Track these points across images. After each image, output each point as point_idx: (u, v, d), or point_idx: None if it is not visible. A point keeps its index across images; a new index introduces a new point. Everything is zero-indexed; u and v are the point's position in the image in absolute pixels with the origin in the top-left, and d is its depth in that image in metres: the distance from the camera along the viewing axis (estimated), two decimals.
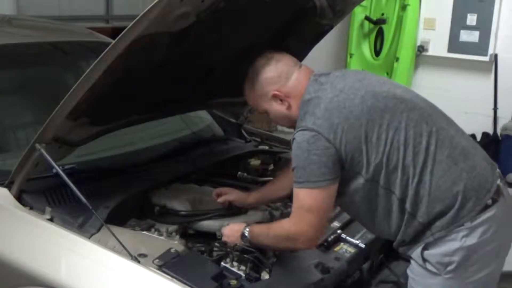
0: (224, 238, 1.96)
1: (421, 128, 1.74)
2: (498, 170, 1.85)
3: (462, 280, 1.73)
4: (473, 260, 1.71)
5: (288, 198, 2.26)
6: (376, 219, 1.80)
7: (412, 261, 1.80)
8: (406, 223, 1.74)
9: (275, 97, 1.86)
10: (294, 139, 1.76)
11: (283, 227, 1.82)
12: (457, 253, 1.70)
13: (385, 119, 1.73)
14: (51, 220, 1.91)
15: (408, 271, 1.84)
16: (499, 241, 1.76)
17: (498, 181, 1.79)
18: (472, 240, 1.70)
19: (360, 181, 1.74)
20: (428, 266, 1.74)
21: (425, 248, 1.74)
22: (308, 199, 1.73)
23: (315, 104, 1.76)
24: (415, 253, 1.76)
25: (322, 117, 1.73)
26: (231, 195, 2.18)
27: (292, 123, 1.87)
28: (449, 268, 1.71)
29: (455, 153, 1.75)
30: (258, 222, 2.12)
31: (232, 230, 1.95)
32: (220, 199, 2.17)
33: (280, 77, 1.85)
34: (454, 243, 1.70)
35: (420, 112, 1.78)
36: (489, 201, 1.73)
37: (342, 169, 1.73)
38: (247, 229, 1.88)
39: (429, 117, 1.78)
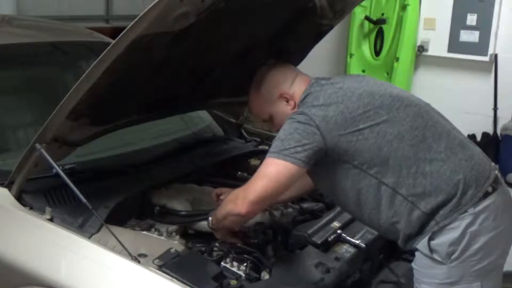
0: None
1: (417, 122, 1.80)
2: (493, 163, 1.90)
3: (466, 268, 1.75)
4: (475, 248, 1.74)
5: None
6: (365, 210, 1.83)
7: (417, 253, 1.82)
8: (409, 214, 1.76)
9: (281, 97, 1.94)
10: (288, 118, 1.82)
11: (235, 191, 1.85)
12: (461, 240, 1.73)
13: (380, 115, 1.79)
14: (51, 220, 1.91)
15: (413, 264, 1.86)
16: (499, 229, 1.78)
17: (496, 172, 1.85)
18: (474, 226, 1.73)
19: (348, 168, 1.78)
20: (435, 256, 1.76)
21: (431, 238, 1.76)
22: (268, 167, 1.76)
23: (314, 97, 1.84)
24: (421, 244, 1.78)
25: (318, 107, 1.80)
26: None
27: None
28: (454, 256, 1.74)
29: (453, 145, 1.81)
30: (258, 223, 2.13)
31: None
32: (222, 197, 2.17)
33: (286, 79, 1.96)
34: (458, 231, 1.73)
35: (416, 108, 1.84)
36: (489, 189, 1.78)
37: (329, 157, 1.77)
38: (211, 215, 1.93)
39: (426, 113, 1.85)
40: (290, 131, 1.77)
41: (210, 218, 1.93)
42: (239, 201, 1.78)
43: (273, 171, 1.75)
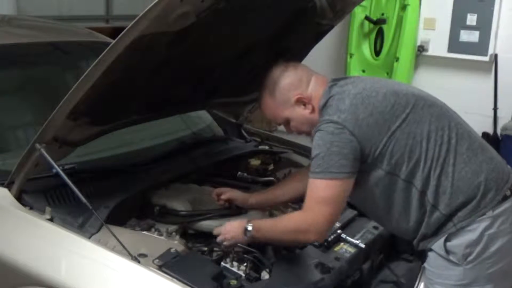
0: (223, 235, 1.91)
1: (442, 122, 1.79)
2: (509, 166, 1.89)
3: (481, 270, 1.75)
4: (492, 251, 1.74)
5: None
6: (394, 214, 1.81)
7: (430, 254, 1.81)
8: (429, 215, 1.76)
9: (298, 101, 1.87)
10: (317, 130, 1.76)
11: (295, 219, 1.80)
12: (479, 242, 1.73)
13: (407, 114, 1.77)
14: (51, 220, 1.91)
15: (426, 265, 1.85)
16: None
17: None
18: (492, 229, 1.73)
19: (380, 174, 1.76)
20: (451, 257, 1.75)
21: (447, 239, 1.75)
22: (324, 191, 1.73)
23: (339, 99, 1.78)
24: (437, 245, 1.77)
25: (347, 111, 1.74)
26: (233, 193, 2.18)
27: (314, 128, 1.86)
28: (470, 258, 1.74)
29: (474, 146, 1.80)
30: None
31: (232, 226, 1.92)
32: (223, 196, 2.17)
33: (301, 81, 1.88)
34: (476, 233, 1.73)
35: (438, 108, 1.83)
36: (508, 192, 1.77)
37: (364, 163, 1.74)
38: (250, 224, 1.86)
39: (447, 113, 1.84)
40: (327, 146, 1.71)
41: (250, 228, 1.85)
42: (312, 233, 1.76)
43: (331, 193, 1.72)
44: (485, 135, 5.07)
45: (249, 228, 1.85)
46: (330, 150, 1.71)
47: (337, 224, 2.16)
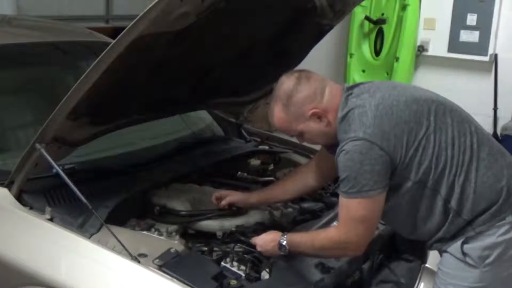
0: (258, 249, 1.89)
1: (463, 127, 1.77)
2: None
3: (497, 273, 1.75)
4: (510, 255, 1.74)
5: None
6: (416, 221, 1.80)
7: (446, 255, 1.81)
8: (451, 221, 1.75)
9: (313, 115, 1.79)
10: (343, 150, 1.71)
11: (332, 238, 1.78)
12: (497, 246, 1.72)
13: (431, 122, 1.74)
14: (51, 220, 1.91)
15: (440, 265, 1.84)
16: None
17: None
18: (511, 234, 1.73)
19: (408, 184, 1.73)
20: (468, 260, 1.75)
21: (465, 242, 1.75)
22: (360, 210, 1.70)
23: (360, 113, 1.72)
24: (453, 247, 1.77)
25: (372, 125, 1.69)
26: (233, 196, 2.17)
27: (330, 140, 1.83)
28: (488, 261, 1.73)
29: (494, 151, 1.79)
30: (258, 223, 2.13)
31: (265, 240, 1.89)
32: (224, 202, 2.16)
33: (315, 94, 1.79)
34: (495, 237, 1.72)
35: (458, 113, 1.81)
36: None
37: (392, 174, 1.71)
38: (285, 239, 1.84)
39: (467, 117, 1.82)
40: (357, 166, 1.66)
41: (284, 244, 1.83)
42: (351, 249, 1.78)
43: (368, 211, 1.71)
44: None
45: (283, 243, 1.84)
46: (362, 170, 1.66)
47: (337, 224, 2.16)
